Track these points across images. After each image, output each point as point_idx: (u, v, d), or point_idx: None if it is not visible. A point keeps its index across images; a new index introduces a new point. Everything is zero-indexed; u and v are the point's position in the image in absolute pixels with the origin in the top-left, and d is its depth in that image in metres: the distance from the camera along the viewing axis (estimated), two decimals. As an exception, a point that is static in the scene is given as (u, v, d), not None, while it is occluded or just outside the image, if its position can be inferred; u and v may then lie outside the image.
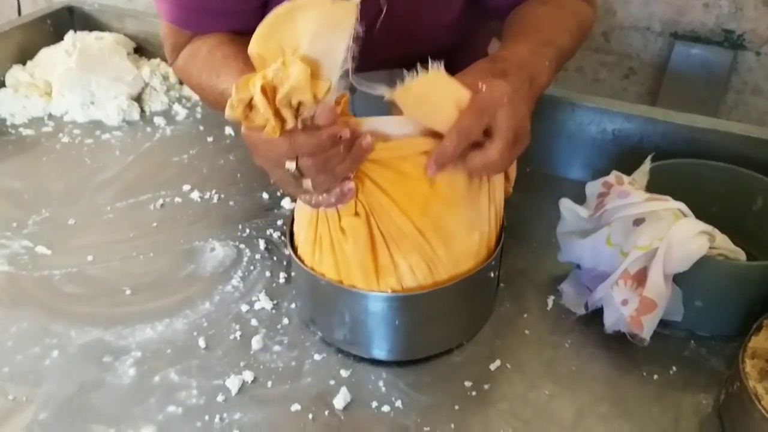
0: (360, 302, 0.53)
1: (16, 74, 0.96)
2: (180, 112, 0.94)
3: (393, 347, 0.56)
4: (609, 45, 1.01)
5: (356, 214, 0.51)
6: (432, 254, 0.52)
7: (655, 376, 0.56)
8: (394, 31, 0.63)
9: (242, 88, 0.44)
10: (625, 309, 0.54)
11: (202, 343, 0.59)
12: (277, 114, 0.44)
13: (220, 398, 0.54)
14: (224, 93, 0.60)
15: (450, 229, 0.52)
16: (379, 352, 0.56)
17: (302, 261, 0.56)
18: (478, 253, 0.54)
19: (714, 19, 0.95)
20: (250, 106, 0.45)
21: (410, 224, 0.51)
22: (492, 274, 0.57)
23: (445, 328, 0.57)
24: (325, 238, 0.53)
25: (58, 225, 0.73)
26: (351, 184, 0.49)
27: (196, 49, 0.67)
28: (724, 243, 0.56)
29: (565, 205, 0.61)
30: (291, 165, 0.46)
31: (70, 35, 0.98)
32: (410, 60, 0.48)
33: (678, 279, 0.55)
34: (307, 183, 0.48)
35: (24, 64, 0.98)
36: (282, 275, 0.66)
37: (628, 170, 0.63)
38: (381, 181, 0.50)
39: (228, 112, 0.45)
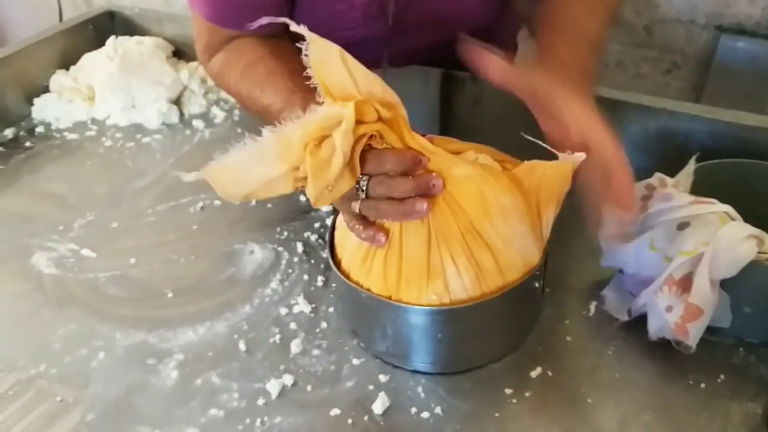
0: (402, 316, 0.53)
1: (59, 79, 0.98)
2: (218, 114, 0.95)
3: (436, 360, 0.56)
4: (651, 39, 0.99)
5: None
6: (480, 260, 0.52)
7: (702, 385, 0.54)
8: (424, 14, 0.63)
9: (321, 170, 0.47)
10: (670, 316, 0.53)
11: (242, 346, 0.60)
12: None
13: (260, 402, 0.55)
14: (269, 108, 0.62)
15: (501, 236, 0.52)
16: (422, 364, 0.56)
17: (347, 272, 0.55)
18: (526, 264, 0.54)
19: (760, 12, 0.91)
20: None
21: (461, 226, 0.51)
22: (537, 284, 0.56)
23: (490, 340, 0.56)
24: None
25: (102, 228, 0.75)
26: (424, 205, 0.50)
27: (234, 59, 0.67)
28: (774, 247, 0.54)
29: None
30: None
31: (111, 40, 1.00)
32: (441, 44, 0.48)
33: (725, 285, 0.53)
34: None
35: (67, 69, 1.01)
36: (320, 279, 0.66)
37: (673, 170, 0.62)
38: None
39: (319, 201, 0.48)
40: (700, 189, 0.58)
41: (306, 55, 0.47)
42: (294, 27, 0.45)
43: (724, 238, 0.52)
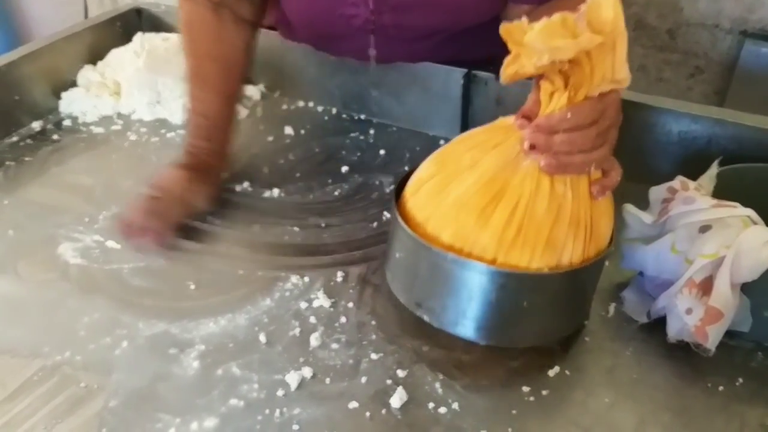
0: (488, 279, 0.53)
1: (87, 74, 1.00)
2: (241, 111, 0.96)
3: (505, 332, 0.57)
4: (674, 43, 0.98)
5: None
6: (589, 250, 0.54)
7: (721, 387, 0.54)
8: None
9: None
10: (690, 318, 0.53)
11: (263, 338, 0.60)
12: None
13: (280, 393, 0.55)
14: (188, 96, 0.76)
15: (604, 234, 0.55)
16: (487, 336, 0.56)
17: (432, 232, 0.55)
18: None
19: (787, 17, 0.91)
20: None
21: (590, 215, 0.53)
22: (606, 263, 0.58)
23: (558, 316, 0.57)
24: (512, 198, 0.53)
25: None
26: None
27: (190, 33, 0.77)
28: (796, 252, 0.54)
29: (629, 210, 0.60)
30: None
31: (138, 36, 1.02)
32: (450, 30, 0.49)
33: (746, 288, 0.53)
34: None
35: (95, 64, 1.02)
36: (340, 274, 0.67)
37: (695, 174, 0.62)
38: None
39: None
40: (722, 193, 0.58)
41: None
42: None
43: (745, 242, 0.52)
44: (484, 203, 0.53)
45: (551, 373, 0.56)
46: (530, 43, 0.48)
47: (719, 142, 0.72)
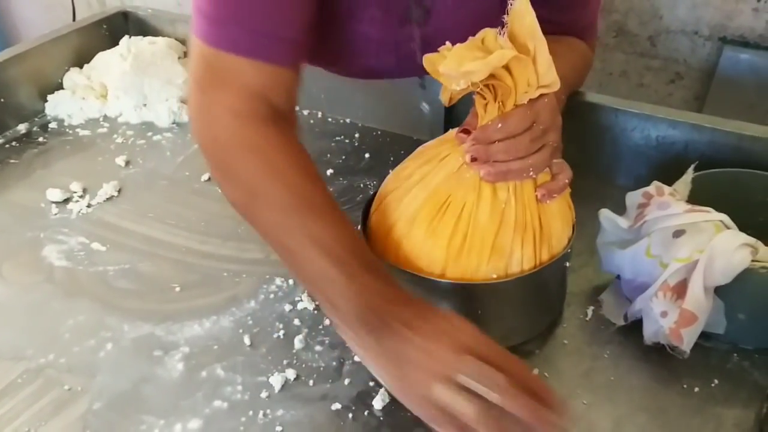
0: (437, 291, 0.54)
1: (73, 77, 1.00)
2: (227, 114, 0.97)
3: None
4: (655, 49, 1.00)
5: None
6: (541, 254, 0.54)
7: (696, 389, 0.55)
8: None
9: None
10: (665, 321, 0.54)
11: (247, 340, 0.61)
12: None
13: (263, 395, 0.56)
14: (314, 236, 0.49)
15: (559, 236, 0.56)
16: None
17: (392, 245, 0.56)
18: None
19: (764, 24, 0.92)
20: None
21: (537, 219, 0.54)
22: (567, 264, 0.59)
23: (519, 320, 0.58)
24: (456, 208, 0.53)
25: (112, 223, 0.77)
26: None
27: (264, 145, 0.53)
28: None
29: (605, 215, 0.61)
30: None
31: (125, 40, 1.02)
32: None
33: (720, 291, 0.54)
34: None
35: (81, 67, 1.03)
36: (324, 277, 0.68)
37: (673, 178, 0.63)
38: None
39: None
40: (697, 198, 0.59)
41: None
42: None
43: (718, 246, 0.53)
44: (431, 216, 0.54)
45: (530, 374, 0.57)
46: (444, 72, 0.50)
47: (697, 147, 0.73)
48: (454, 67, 0.49)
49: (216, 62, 0.55)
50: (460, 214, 0.53)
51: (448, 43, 0.52)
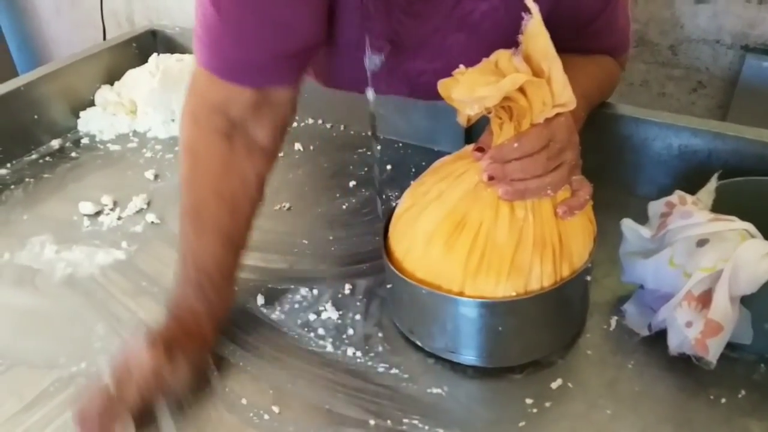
0: (457, 309, 0.55)
1: (104, 94, 1.03)
2: (252, 128, 0.99)
3: (491, 354, 0.58)
4: (676, 58, 0.99)
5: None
6: (562, 270, 0.54)
7: (723, 400, 0.55)
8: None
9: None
10: (690, 331, 0.54)
11: (272, 350, 0.62)
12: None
13: (288, 404, 0.57)
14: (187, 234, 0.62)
15: (580, 253, 0.56)
16: (478, 359, 0.58)
17: (409, 265, 0.57)
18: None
19: (788, 32, 0.92)
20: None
21: (557, 236, 0.54)
22: (588, 278, 0.59)
23: (547, 332, 0.58)
24: (473, 226, 0.54)
25: (144, 235, 0.79)
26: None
27: (203, 151, 0.62)
28: (795, 265, 0.55)
29: (627, 225, 0.60)
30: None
31: (153, 57, 1.05)
32: None
33: (746, 301, 0.54)
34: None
35: (112, 84, 1.06)
36: (347, 286, 0.69)
37: (695, 187, 0.62)
38: None
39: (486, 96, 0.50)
40: (721, 206, 0.59)
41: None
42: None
43: (743, 255, 0.52)
44: (448, 234, 0.54)
45: (554, 385, 0.57)
46: (457, 98, 0.50)
47: (720, 156, 0.72)
48: (467, 93, 0.49)
49: (194, 72, 0.64)
50: (478, 231, 0.53)
51: (462, 66, 0.52)
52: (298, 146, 0.94)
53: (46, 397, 0.59)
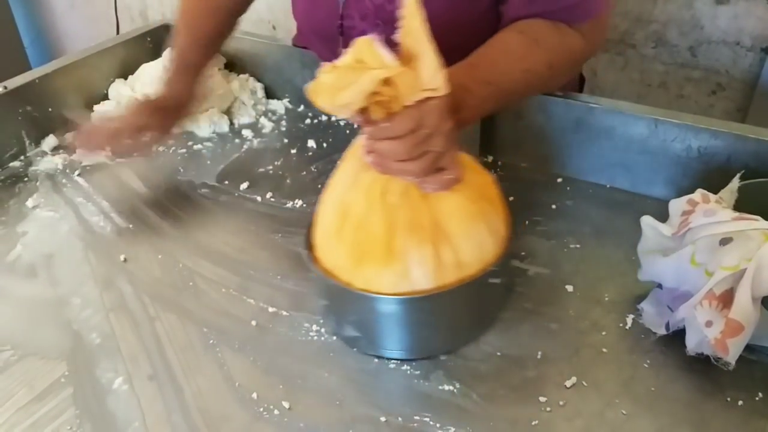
0: (365, 303, 0.56)
1: (118, 88, 1.03)
2: (266, 125, 0.99)
3: (403, 347, 0.58)
4: (696, 60, 0.98)
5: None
6: (442, 253, 0.55)
7: (740, 402, 0.54)
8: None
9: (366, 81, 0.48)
10: (710, 331, 0.53)
11: (283, 344, 0.62)
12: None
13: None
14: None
15: (454, 223, 0.55)
16: (388, 351, 0.59)
17: (322, 258, 0.58)
18: (483, 260, 0.57)
19: (809, 34, 0.91)
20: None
21: (430, 219, 0.54)
22: (498, 280, 0.59)
23: (451, 330, 0.59)
24: (354, 216, 0.55)
25: (157, 230, 0.79)
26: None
27: None
28: (818, 266, 0.54)
29: (647, 222, 0.60)
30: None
31: (167, 51, 1.05)
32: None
33: (767, 302, 0.53)
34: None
35: (126, 78, 1.06)
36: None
37: (715, 189, 0.61)
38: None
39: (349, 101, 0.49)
40: (743, 207, 0.58)
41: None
42: None
43: (766, 255, 0.52)
44: (337, 226, 0.56)
45: (568, 383, 0.56)
46: (322, 108, 0.50)
47: (739, 158, 0.71)
48: (328, 102, 0.49)
49: None
50: (357, 221, 0.55)
51: (325, 64, 0.50)
52: (311, 143, 0.94)
53: (58, 387, 0.58)
